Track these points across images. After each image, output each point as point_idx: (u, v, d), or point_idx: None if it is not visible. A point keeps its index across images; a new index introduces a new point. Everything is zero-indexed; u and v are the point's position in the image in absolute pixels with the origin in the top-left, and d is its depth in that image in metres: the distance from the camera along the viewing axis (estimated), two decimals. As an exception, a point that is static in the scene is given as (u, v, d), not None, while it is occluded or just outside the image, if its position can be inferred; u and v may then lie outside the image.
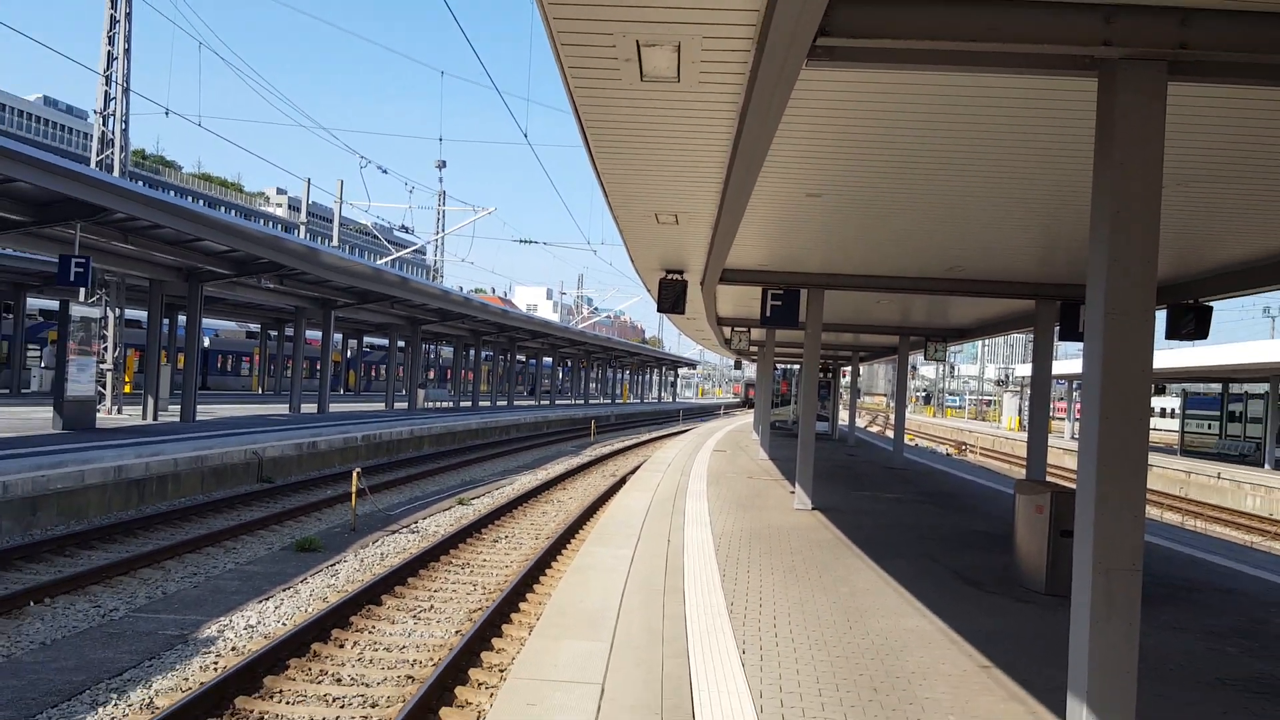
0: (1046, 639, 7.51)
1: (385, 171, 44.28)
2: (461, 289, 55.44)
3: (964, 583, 9.79)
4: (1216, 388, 45.94)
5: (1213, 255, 11.29)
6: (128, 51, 26.45)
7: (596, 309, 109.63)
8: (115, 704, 7.59)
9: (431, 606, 11.54)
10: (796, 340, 26.56)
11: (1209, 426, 46.02)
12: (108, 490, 16.22)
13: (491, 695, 7.95)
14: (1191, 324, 13.46)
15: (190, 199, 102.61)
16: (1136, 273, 4.59)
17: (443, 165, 52.81)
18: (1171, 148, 6.55)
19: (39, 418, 24.13)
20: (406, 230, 50.48)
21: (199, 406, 30.87)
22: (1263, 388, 39.38)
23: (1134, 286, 4.59)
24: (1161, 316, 13.90)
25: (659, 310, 13.61)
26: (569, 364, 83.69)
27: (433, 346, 68.81)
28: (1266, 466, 37.04)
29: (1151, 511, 30.83)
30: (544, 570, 13.81)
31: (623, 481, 21.89)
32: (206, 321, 50.80)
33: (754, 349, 31.43)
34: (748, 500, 15.88)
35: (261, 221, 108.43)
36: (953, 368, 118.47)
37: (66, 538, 13.79)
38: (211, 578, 12.37)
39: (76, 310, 22.74)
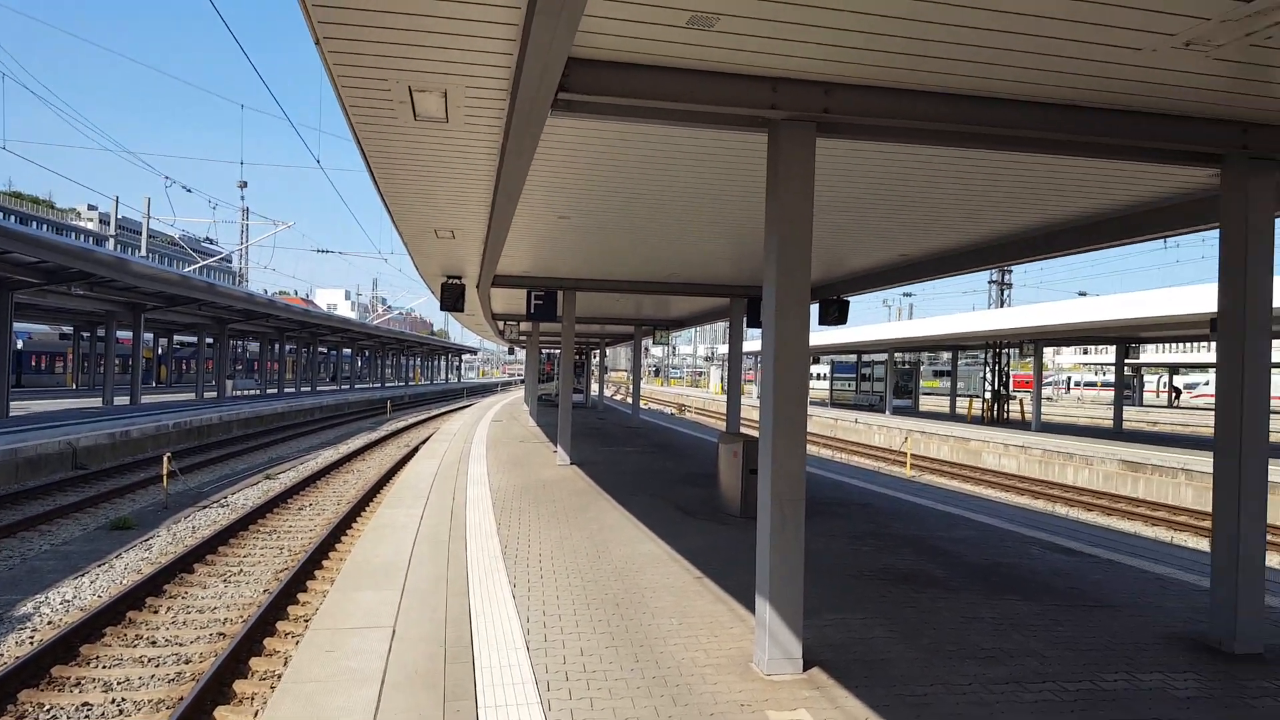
0: (742, 552, 7.90)
1: (189, 190, 40.57)
2: (266, 292, 51.73)
3: (683, 513, 10.11)
4: (853, 357, 50.34)
5: (848, 264, 12.28)
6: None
7: (390, 307, 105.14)
8: (-71, 686, 6.51)
9: (241, 570, 10.70)
10: (557, 330, 26.64)
11: (849, 385, 50.48)
12: (-82, 486, 13.91)
13: (297, 643, 7.45)
14: (835, 313, 14.68)
15: (2, 215, 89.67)
16: (796, 277, 4.88)
17: (244, 185, 48.94)
18: (820, 184, 7.04)
19: None
20: (211, 242, 46.46)
21: (14, 403, 27.04)
22: (883, 357, 43.61)
23: (795, 287, 4.88)
24: (816, 308, 15.08)
25: (442, 309, 13.22)
26: (367, 354, 79.98)
27: (242, 342, 63.75)
28: (887, 412, 40.98)
29: (811, 449, 33.31)
30: (345, 531, 13.12)
31: (415, 451, 21.15)
32: (21, 325, 44.67)
33: (523, 337, 31.24)
34: (520, 460, 15.76)
35: (74, 235, 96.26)
36: (674, 348, 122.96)
37: (-127, 534, 11.72)
38: (27, 559, 10.89)
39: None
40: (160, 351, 59.44)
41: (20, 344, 47.65)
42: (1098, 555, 8.35)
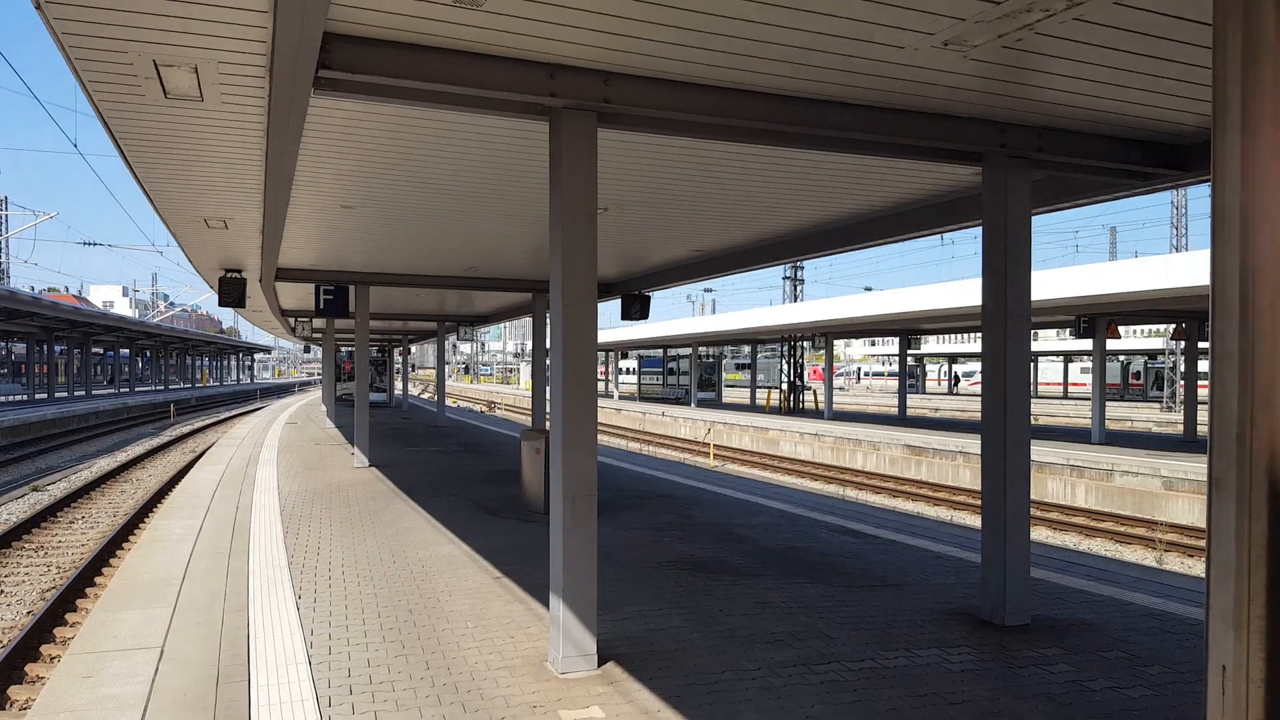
0: (545, 550, 7.76)
1: None
2: (34, 289, 45.63)
3: (486, 512, 9.88)
4: (660, 352, 51.66)
5: (647, 260, 12.44)
6: None
7: (173, 304, 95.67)
8: None
9: (1, 591, 9.39)
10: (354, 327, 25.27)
11: (657, 379, 51.74)
12: None
13: (56, 671, 6.60)
14: (638, 309, 14.86)
15: None
16: (582, 269, 4.75)
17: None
18: (613, 179, 7.05)
19: None
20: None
21: None
22: (687, 351, 45.09)
23: (581, 279, 4.76)
24: (618, 304, 15.21)
25: (220, 304, 12.07)
26: (148, 354, 72.48)
27: (6, 344, 55.84)
28: (692, 405, 42.40)
29: (616, 442, 33.87)
30: (121, 544, 11.83)
31: (200, 457, 19.38)
32: None
33: (318, 335, 29.34)
34: (314, 464, 14.83)
35: None
36: (483, 345, 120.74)
37: None
38: None
39: None
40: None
41: None
42: (883, 537, 8.70)
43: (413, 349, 51.78)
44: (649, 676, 4.61)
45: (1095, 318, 21.49)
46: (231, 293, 12.15)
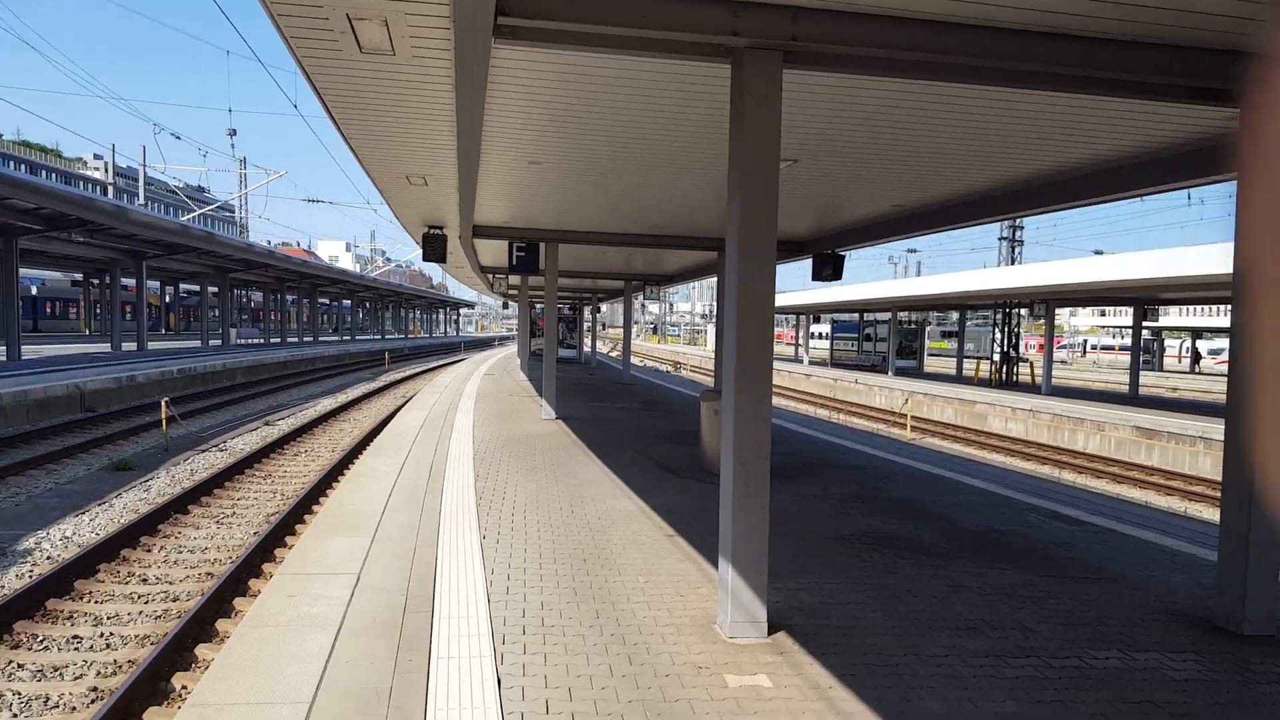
0: (718, 512, 7.78)
1: (179, 138, 40.23)
2: (270, 242, 51.36)
3: (665, 470, 10.03)
4: (855, 317, 49.96)
5: (841, 216, 11.89)
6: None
7: (389, 259, 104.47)
8: (-77, 618, 6.54)
9: (234, 513, 10.69)
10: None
11: (850, 345, 50.14)
12: (-80, 425, 13.91)
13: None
14: (830, 269, 14.30)
15: (11, 164, 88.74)
16: (761, 221, 4.56)
17: (233, 133, 48.27)
18: (803, 127, 6.73)
19: None
20: (203, 190, 46.02)
21: (28, 347, 26.97)
22: (886, 316, 43.27)
23: (759, 234, 4.58)
24: (809, 264, 14.74)
25: (424, 259, 12.97)
26: (367, 305, 79.70)
27: (246, 292, 63.49)
28: (889, 374, 40.81)
29: (804, 408, 33.28)
30: (337, 477, 13.12)
31: (407, 402, 21.10)
32: (36, 271, 44.41)
33: (513, 291, 30.86)
34: (506, 414, 15.70)
35: (82, 184, 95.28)
36: (671, 305, 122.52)
37: (-125, 471, 11.73)
38: (33, 496, 10.92)
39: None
40: (168, 300, 59.42)
41: (34, 290, 47.61)
42: (1102, 525, 7.97)
43: (602, 307, 53.34)
44: (822, 651, 4.48)
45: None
46: (434, 248, 12.99)
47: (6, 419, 16.11)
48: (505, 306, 58.66)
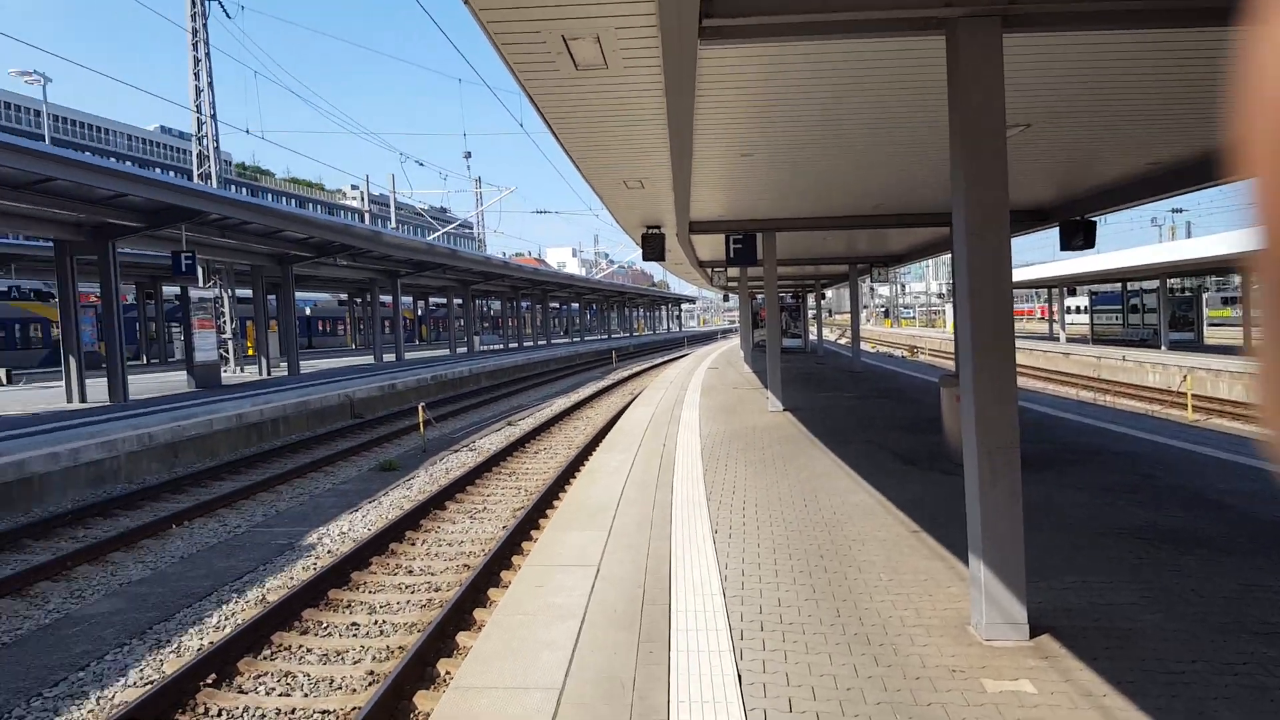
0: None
1: (422, 164, 44.30)
2: (504, 254, 55.30)
3: (903, 461, 9.62)
4: (1117, 287, 45.20)
5: (1089, 179, 10.87)
6: (210, 85, 26.06)
7: (613, 261, 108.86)
8: (235, 601, 7.68)
9: (484, 508, 11.58)
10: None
11: (1114, 318, 45.37)
12: (232, 434, 16.34)
13: (524, 577, 8.00)
14: (1081, 237, 13.06)
15: (283, 200, 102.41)
16: (990, 196, 4.31)
17: (468, 155, 52.33)
18: (1036, 90, 6.24)
19: (177, 380, 24.30)
20: (444, 211, 50.34)
21: (304, 362, 30.98)
22: (1154, 284, 38.75)
23: (989, 207, 4.33)
24: (1056, 233, 13.53)
25: (644, 259, 13.36)
26: (594, 307, 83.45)
27: (486, 301, 68.79)
28: (1162, 348, 36.54)
29: (1067, 390, 30.54)
30: (574, 473, 13.84)
31: (635, 399, 21.85)
32: (308, 294, 50.99)
33: (733, 283, 31.00)
34: (731, 407, 15.79)
35: (342, 213, 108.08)
36: (904, 286, 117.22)
37: (201, 473, 13.93)
38: (314, 496, 12.46)
39: (195, 293, 22.76)
40: (420, 313, 65.85)
41: (307, 311, 54.69)
42: None
43: (827, 293, 52.17)
44: (1092, 656, 4.09)
45: None
46: (653, 248, 13.36)
47: (291, 426, 18.58)
48: (726, 299, 59.09)
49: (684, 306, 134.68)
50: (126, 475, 13.50)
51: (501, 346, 54.03)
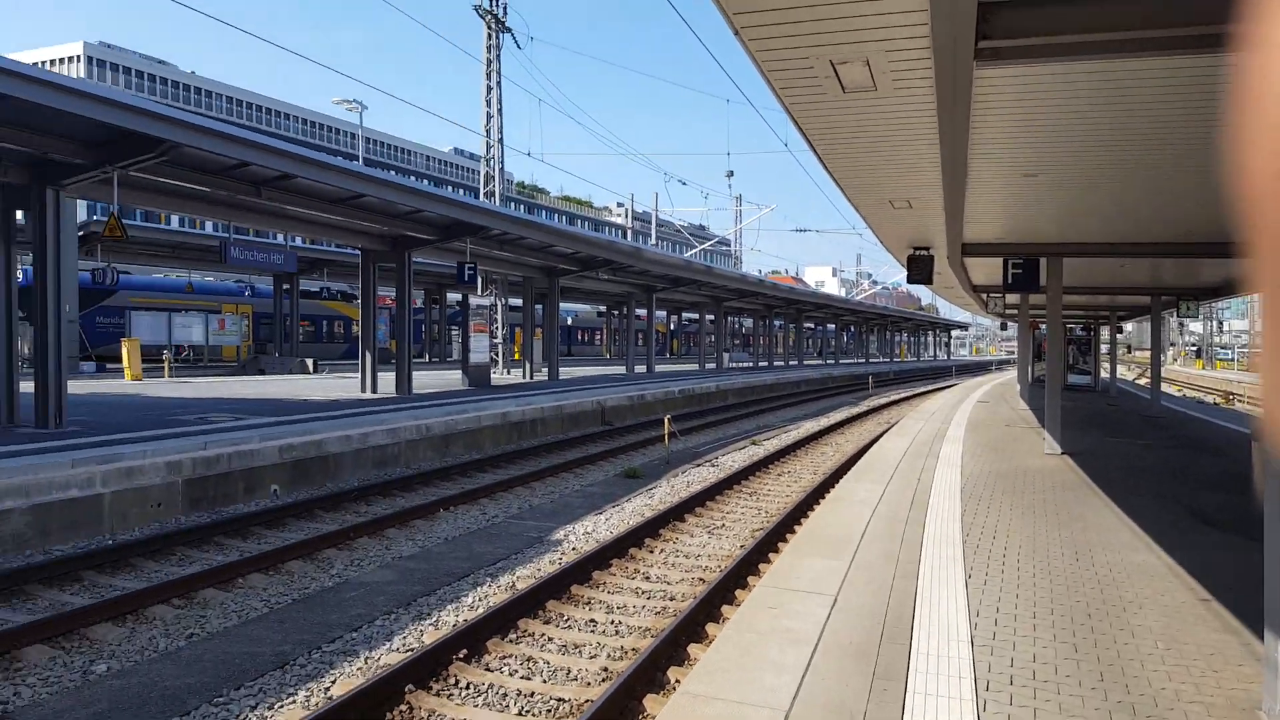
0: (1278, 578, 6.43)
1: (685, 184, 45.95)
2: (760, 271, 55.72)
3: (1200, 520, 8.57)
4: None
5: None
6: (500, 111, 28.82)
7: (875, 282, 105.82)
8: (488, 584, 8.44)
9: (723, 525, 11.78)
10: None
11: None
12: (496, 430, 17.93)
13: (758, 597, 8.06)
14: None
15: (555, 216, 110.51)
16: None
17: (730, 174, 53.39)
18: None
19: (452, 378, 27.03)
20: (703, 229, 51.71)
21: (562, 369, 33.19)
22: None
23: None
24: None
25: (909, 282, 12.94)
26: (852, 329, 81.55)
27: (738, 318, 69.71)
28: None
29: None
30: (818, 500, 13.67)
31: (890, 428, 21.10)
32: (570, 305, 54.65)
33: (1012, 310, 28.96)
34: (1000, 445, 14.81)
35: (607, 230, 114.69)
36: (1220, 323, 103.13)
37: (468, 464, 15.42)
38: (563, 495, 13.34)
39: (474, 300, 25.24)
40: (672, 327, 68.18)
41: (569, 321, 58.68)
42: None
43: (1125, 327, 47.19)
44: None
45: None
46: (919, 270, 12.91)
47: (547, 427, 20.01)
48: (1003, 327, 55.40)
49: (954, 333, 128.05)
50: (405, 460, 15.26)
51: (751, 364, 54.41)
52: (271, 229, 19.69)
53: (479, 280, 23.88)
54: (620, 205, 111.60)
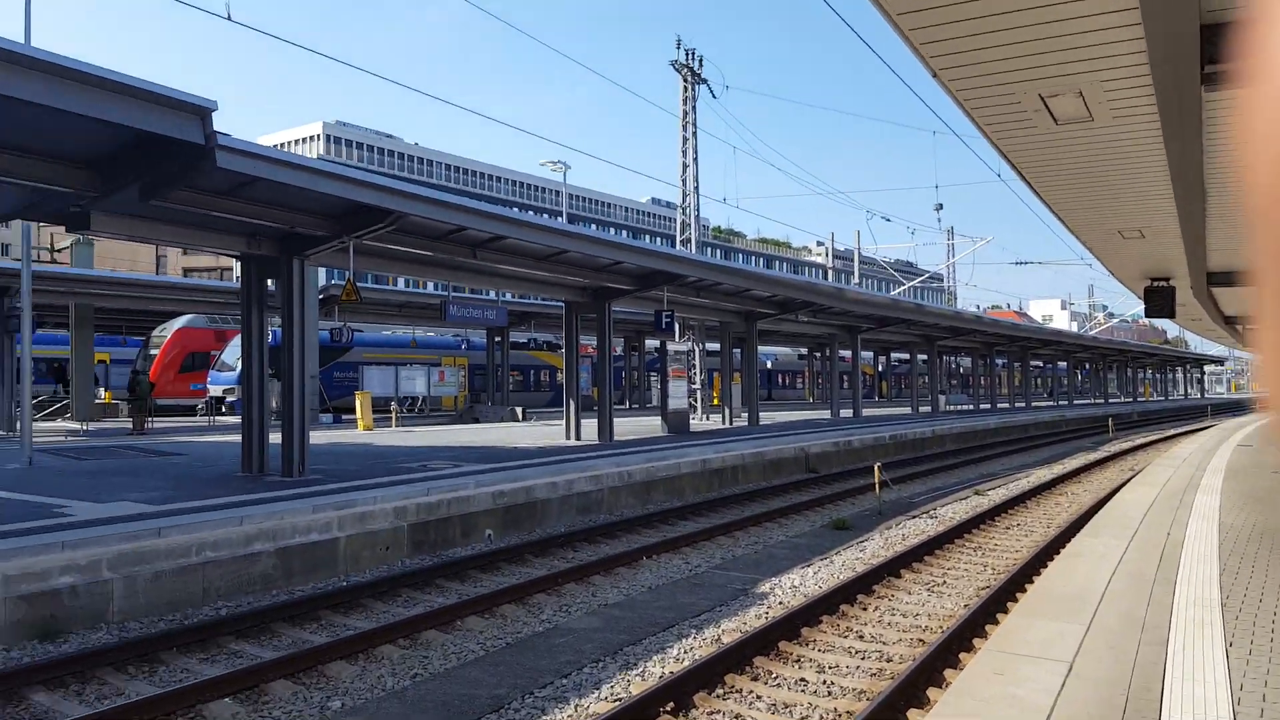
0: None
1: (888, 220, 45.02)
2: (978, 307, 53.18)
3: None
4: None
5: None
6: (695, 160, 29.67)
7: (1111, 315, 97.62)
8: (693, 636, 8.52)
9: (943, 582, 11.24)
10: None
11: None
12: (696, 477, 18.15)
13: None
14: None
15: (752, 259, 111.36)
16: None
17: (939, 207, 51.39)
18: None
19: (651, 424, 27.65)
20: (910, 265, 50.10)
21: (763, 414, 33.05)
22: None
23: None
24: None
25: (1147, 316, 11.91)
26: (1086, 367, 75.53)
27: (954, 357, 66.59)
28: None
29: None
30: (1050, 556, 12.73)
31: (1134, 476, 19.30)
32: (768, 348, 54.53)
33: None
34: (1268, 496, 13.15)
35: (807, 270, 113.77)
36: None
37: (669, 511, 15.69)
38: (767, 546, 13.25)
39: (671, 347, 25.85)
40: (880, 368, 66.22)
41: (768, 364, 58.45)
42: None
43: None
44: None
45: None
46: (1159, 302, 11.87)
47: (748, 475, 19.96)
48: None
49: (1207, 369, 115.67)
50: (608, 507, 15.76)
51: (970, 407, 51.66)
52: (485, 286, 21.25)
53: (676, 327, 24.44)
54: (820, 244, 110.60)
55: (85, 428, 27.02)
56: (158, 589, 9.11)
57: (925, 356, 45.33)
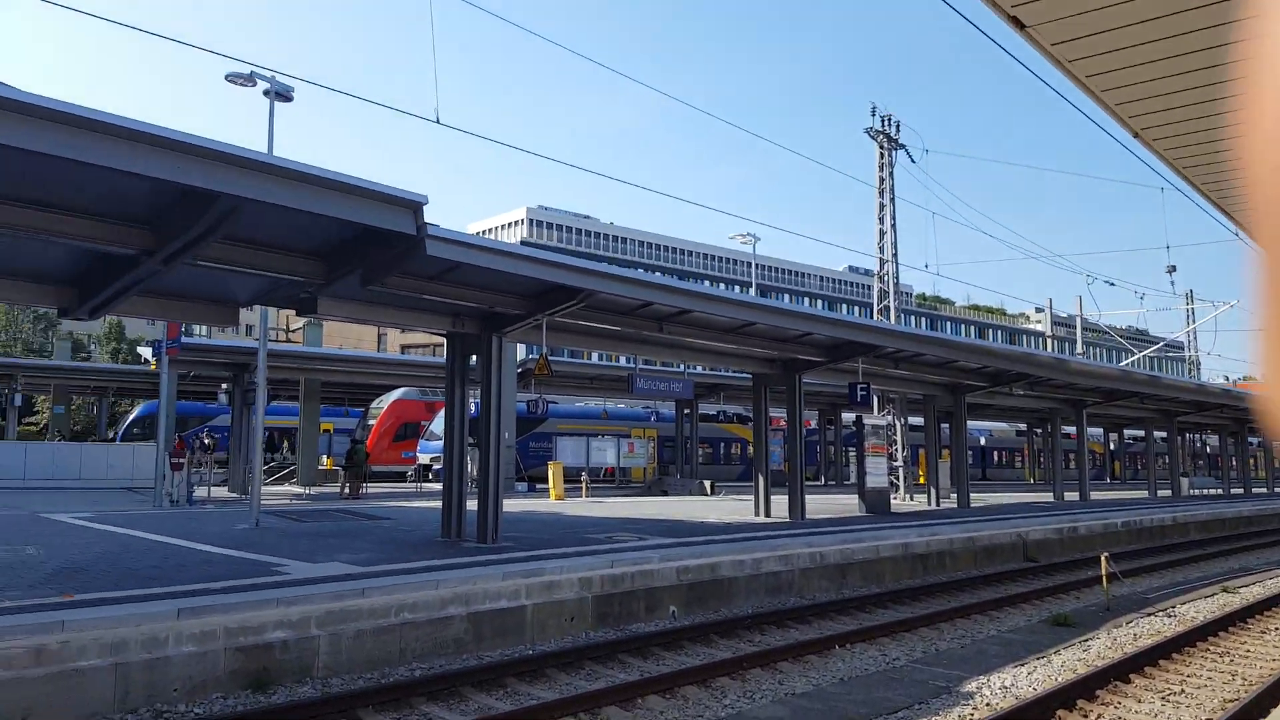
0: None
1: (1113, 284, 41.75)
2: (1227, 379, 48.25)
3: None
4: None
5: None
6: (893, 227, 29.23)
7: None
8: (886, 736, 8.08)
9: (1182, 690, 10.08)
10: None
11: None
12: (897, 562, 17.36)
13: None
14: None
15: (960, 328, 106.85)
16: None
17: (1173, 269, 47.21)
18: None
19: (848, 503, 26.82)
20: (1142, 332, 46.29)
21: (975, 494, 31.24)
22: None
23: None
24: None
25: None
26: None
27: (1199, 435, 60.38)
28: None
29: None
30: (1320, 668, 11.12)
31: None
32: (981, 423, 51.73)
33: None
34: None
35: (1024, 339, 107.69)
36: None
37: (865, 598, 15.06)
38: (976, 641, 12.42)
39: (869, 420, 25.13)
40: (1111, 447, 61.00)
41: (981, 440, 55.29)
42: None
43: None
44: None
45: None
46: None
47: (956, 562, 18.81)
48: None
49: None
50: (798, 589, 15.34)
51: (1219, 491, 46.40)
52: (672, 359, 21.68)
53: (874, 399, 23.79)
54: (1039, 310, 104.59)
55: (308, 491, 29.70)
56: (359, 647, 9.78)
57: (1164, 434, 41.33)
